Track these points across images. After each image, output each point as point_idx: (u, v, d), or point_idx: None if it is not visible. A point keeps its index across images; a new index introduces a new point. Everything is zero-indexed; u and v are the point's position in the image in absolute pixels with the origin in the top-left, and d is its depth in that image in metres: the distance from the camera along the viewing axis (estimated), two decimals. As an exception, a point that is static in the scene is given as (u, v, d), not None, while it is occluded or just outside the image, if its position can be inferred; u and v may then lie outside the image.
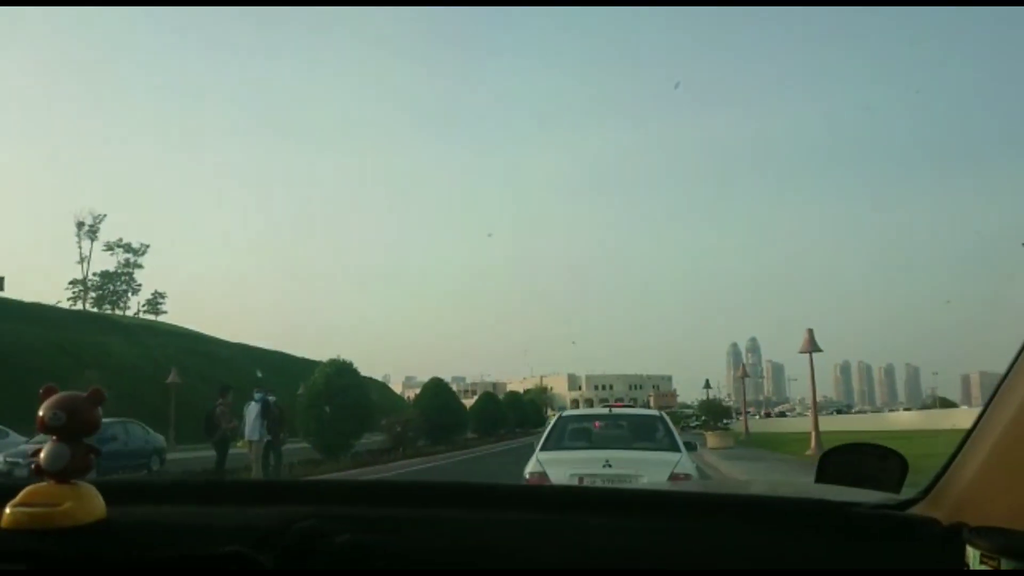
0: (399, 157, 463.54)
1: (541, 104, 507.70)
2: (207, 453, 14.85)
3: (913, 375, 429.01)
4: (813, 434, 20.95)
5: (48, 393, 0.93)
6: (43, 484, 0.92)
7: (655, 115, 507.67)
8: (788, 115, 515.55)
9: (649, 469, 6.87)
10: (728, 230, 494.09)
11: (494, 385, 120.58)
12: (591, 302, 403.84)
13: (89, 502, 0.91)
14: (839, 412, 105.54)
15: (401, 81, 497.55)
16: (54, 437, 0.92)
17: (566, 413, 9.24)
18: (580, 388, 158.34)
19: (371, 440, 23.74)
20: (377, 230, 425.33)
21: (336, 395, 18.56)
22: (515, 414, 47.76)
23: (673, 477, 6.66)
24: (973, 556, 0.83)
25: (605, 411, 9.09)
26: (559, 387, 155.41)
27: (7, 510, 0.89)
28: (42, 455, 0.92)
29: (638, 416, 9.18)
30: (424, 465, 21.06)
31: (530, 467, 7.10)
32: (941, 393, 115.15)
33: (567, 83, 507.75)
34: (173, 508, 1.01)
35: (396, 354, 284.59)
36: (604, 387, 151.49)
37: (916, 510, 0.97)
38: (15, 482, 0.96)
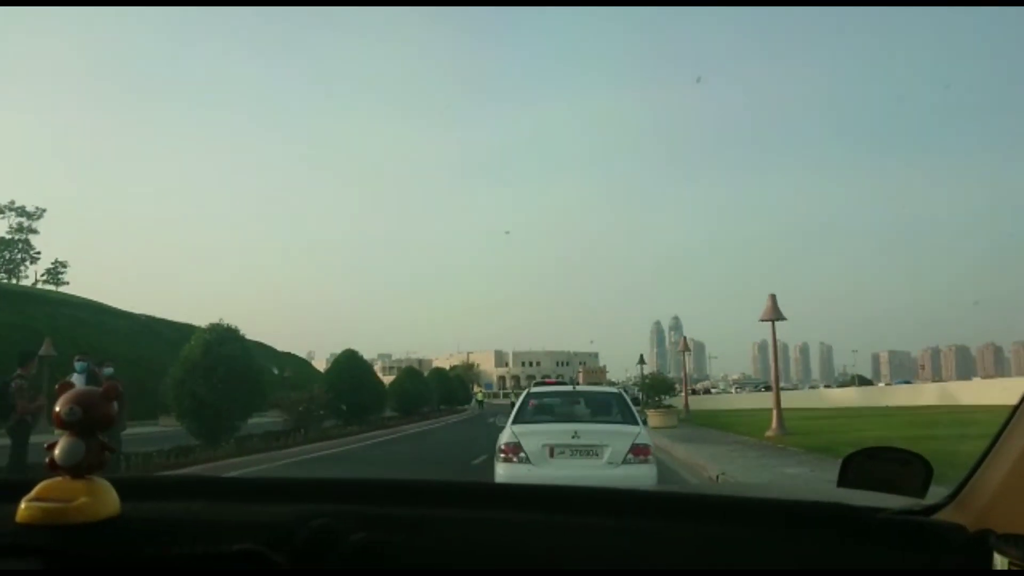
0: (315, 131, 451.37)
1: (459, 79, 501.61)
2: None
3: (827, 353, 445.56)
4: (775, 412, 18.67)
5: (63, 388, 0.93)
6: (57, 479, 0.90)
7: (583, 92, 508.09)
8: (702, 96, 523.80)
9: (613, 440, 7.41)
10: (650, 211, 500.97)
11: (419, 362, 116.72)
12: (518, 280, 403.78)
13: (103, 498, 0.89)
14: (767, 388, 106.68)
15: (308, 51, 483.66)
16: (69, 432, 0.91)
17: (534, 390, 9.47)
18: (507, 365, 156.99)
19: (273, 420, 20.45)
20: (304, 205, 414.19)
21: (217, 367, 15.10)
22: (440, 391, 44.76)
23: (634, 448, 7.30)
24: (1001, 564, 0.82)
25: (569, 388, 9.69)
26: (486, 364, 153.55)
27: (21, 505, 0.88)
28: (57, 450, 0.90)
29: (599, 393, 9.85)
30: (328, 450, 17.87)
31: (505, 438, 7.62)
32: (851, 371, 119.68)
33: (482, 64, 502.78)
34: (186, 504, 0.99)
35: (322, 331, 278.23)
36: (531, 364, 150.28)
37: (941, 516, 0.95)
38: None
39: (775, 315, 18.71)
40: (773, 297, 18.71)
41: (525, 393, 9.21)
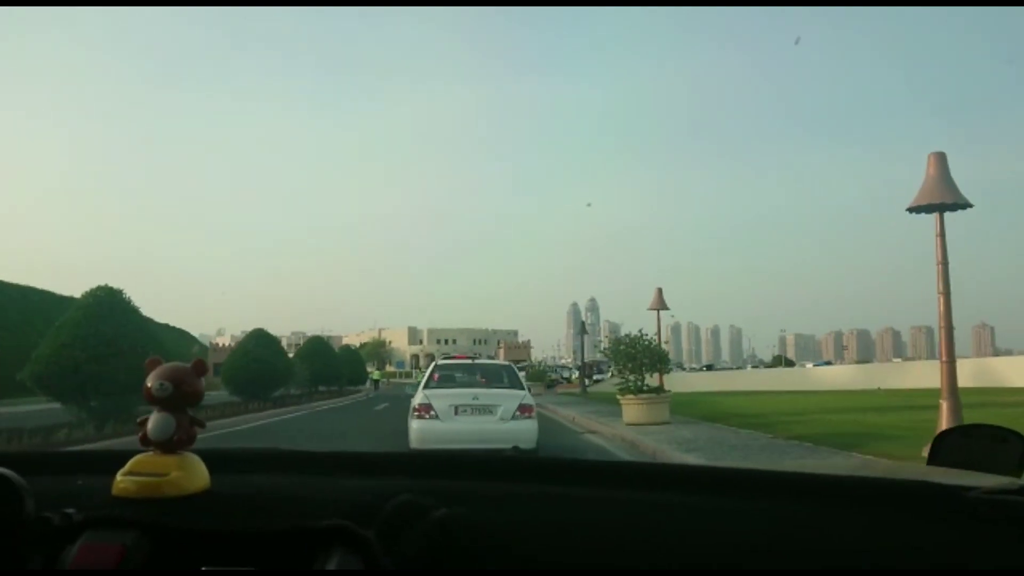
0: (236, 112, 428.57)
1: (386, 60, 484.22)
2: None
3: (736, 336, 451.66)
4: (945, 407, 8.79)
5: (153, 364, 0.93)
6: (150, 454, 0.92)
7: (482, 77, 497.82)
8: (626, 84, 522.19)
9: (505, 401, 9.62)
10: (569, 195, 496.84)
11: (329, 339, 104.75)
12: (435, 258, 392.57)
13: (195, 472, 0.91)
14: (708, 368, 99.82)
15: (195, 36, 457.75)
16: (159, 407, 0.92)
17: (440, 362, 11.80)
18: (421, 342, 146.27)
19: None
20: (215, 183, 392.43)
21: None
22: (314, 368, 32.59)
23: (521, 407, 9.52)
24: None
25: (469, 361, 11.90)
26: (399, 341, 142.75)
27: (116, 478, 0.90)
28: (149, 425, 0.91)
29: (492, 365, 12.00)
30: None
31: (418, 399, 9.74)
32: (761, 354, 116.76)
33: (421, 40, 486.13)
34: (272, 478, 1.02)
35: (237, 310, 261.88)
36: (447, 341, 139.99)
37: None
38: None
39: (944, 201, 8.73)
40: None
41: (433, 365, 11.52)
